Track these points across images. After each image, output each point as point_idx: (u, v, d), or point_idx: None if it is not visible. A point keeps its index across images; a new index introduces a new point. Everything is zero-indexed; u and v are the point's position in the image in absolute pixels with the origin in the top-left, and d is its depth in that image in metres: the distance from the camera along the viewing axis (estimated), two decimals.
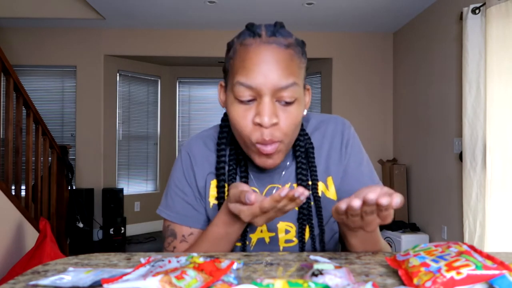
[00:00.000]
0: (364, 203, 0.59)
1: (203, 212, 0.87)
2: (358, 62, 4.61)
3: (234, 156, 0.84)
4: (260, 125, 0.71)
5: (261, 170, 0.86)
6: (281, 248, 0.85)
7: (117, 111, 4.75)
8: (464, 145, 2.85)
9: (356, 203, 0.58)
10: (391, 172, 4.14)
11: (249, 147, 0.75)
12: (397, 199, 0.57)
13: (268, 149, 0.73)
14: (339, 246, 0.95)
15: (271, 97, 0.71)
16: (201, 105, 5.35)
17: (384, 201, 0.57)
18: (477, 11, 2.76)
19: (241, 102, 0.72)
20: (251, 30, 0.74)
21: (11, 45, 4.41)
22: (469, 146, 2.80)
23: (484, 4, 2.69)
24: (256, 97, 0.71)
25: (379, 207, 0.59)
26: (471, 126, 2.79)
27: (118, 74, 4.75)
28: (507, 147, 2.51)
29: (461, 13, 2.93)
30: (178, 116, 5.33)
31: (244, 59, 0.72)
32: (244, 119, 0.72)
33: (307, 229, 0.84)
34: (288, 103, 0.72)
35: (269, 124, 0.70)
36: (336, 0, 3.65)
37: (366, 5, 3.75)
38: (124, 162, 4.85)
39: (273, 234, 0.84)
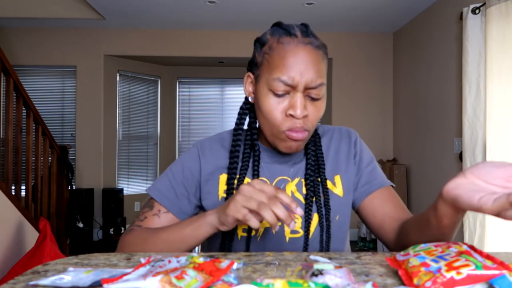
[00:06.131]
0: None
1: (184, 201, 0.90)
2: (358, 62, 4.60)
3: (249, 142, 0.91)
4: (292, 116, 0.80)
5: (273, 161, 0.92)
6: (287, 239, 0.88)
7: (117, 111, 4.74)
8: (464, 145, 2.85)
9: None
10: (391, 172, 4.13)
11: (277, 134, 0.83)
12: None
13: (299, 136, 0.82)
14: (346, 246, 0.97)
15: (303, 93, 0.80)
16: (201, 105, 5.35)
17: None
18: (477, 11, 2.76)
19: (275, 95, 0.81)
20: (286, 29, 0.82)
21: (11, 45, 4.41)
22: (469, 146, 2.79)
23: (484, 4, 2.69)
24: (290, 91, 0.80)
25: None
26: (471, 126, 2.79)
27: (118, 74, 4.75)
28: (507, 147, 2.51)
29: (461, 13, 2.92)
30: (178, 116, 5.33)
31: (284, 57, 0.79)
32: (277, 110, 0.81)
33: (313, 221, 0.88)
34: (315, 99, 0.82)
35: (301, 116, 0.80)
36: (336, 0, 3.65)
37: (366, 5, 3.75)
38: (124, 162, 4.85)
39: (279, 223, 0.86)
